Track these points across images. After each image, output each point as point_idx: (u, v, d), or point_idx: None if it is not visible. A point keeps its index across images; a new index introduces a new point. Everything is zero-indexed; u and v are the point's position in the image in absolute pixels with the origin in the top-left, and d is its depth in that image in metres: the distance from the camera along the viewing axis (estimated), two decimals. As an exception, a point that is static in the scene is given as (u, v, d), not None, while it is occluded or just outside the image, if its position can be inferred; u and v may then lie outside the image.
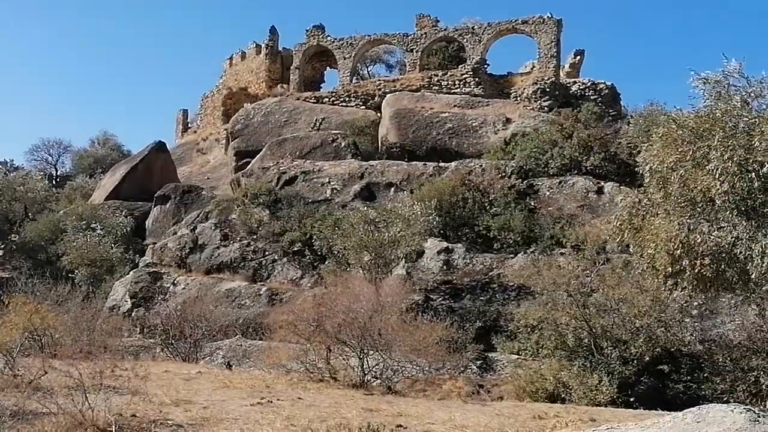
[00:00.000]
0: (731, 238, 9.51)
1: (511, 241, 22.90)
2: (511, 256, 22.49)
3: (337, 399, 13.41)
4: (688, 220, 9.70)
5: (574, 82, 35.63)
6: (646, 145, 11.18)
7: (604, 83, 34.89)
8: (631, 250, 11.08)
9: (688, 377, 16.05)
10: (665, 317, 15.79)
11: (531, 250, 22.21)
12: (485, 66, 36.53)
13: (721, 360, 15.79)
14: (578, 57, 41.60)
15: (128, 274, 26.99)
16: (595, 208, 23.98)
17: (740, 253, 9.47)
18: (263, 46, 44.60)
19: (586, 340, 16.27)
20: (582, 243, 20.81)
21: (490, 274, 21.95)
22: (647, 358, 15.63)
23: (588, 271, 17.13)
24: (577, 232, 21.75)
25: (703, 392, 15.51)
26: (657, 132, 10.37)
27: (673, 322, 15.88)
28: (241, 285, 25.03)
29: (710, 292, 10.63)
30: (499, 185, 25.03)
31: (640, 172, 10.99)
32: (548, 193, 25.20)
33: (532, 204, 24.71)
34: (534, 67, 37.56)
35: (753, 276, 9.60)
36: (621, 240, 11.22)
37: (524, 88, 34.51)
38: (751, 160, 9.18)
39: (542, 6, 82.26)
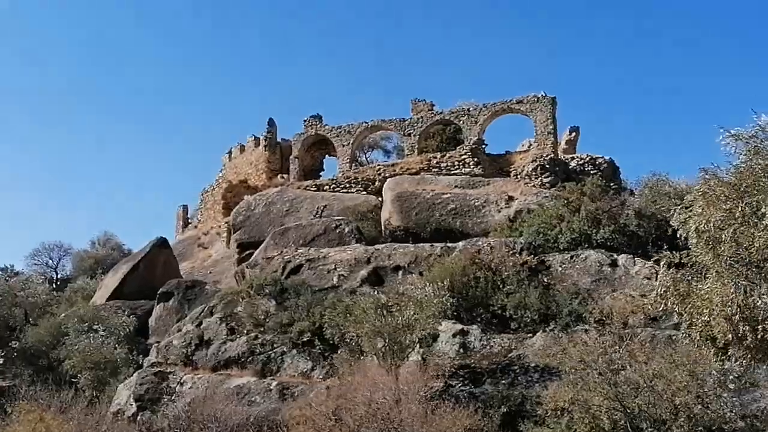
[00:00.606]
0: None
1: (528, 320, 22.22)
2: (530, 335, 21.77)
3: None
4: (743, 282, 9.20)
5: (573, 158, 35.87)
6: (678, 208, 10.77)
7: (603, 158, 35.15)
8: (675, 318, 10.49)
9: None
10: (703, 393, 14.96)
11: (550, 327, 21.51)
12: (483, 146, 36.86)
13: (768, 435, 14.90)
14: (573, 134, 42.16)
15: (132, 375, 26.00)
16: (611, 281, 23.48)
17: None
18: (262, 138, 45.13)
19: (622, 422, 15.37)
20: (606, 317, 20.14)
21: (510, 355, 21.17)
22: (691, 438, 14.71)
23: (616, 347, 16.39)
24: (600, 306, 21.14)
25: (752, 472, 14.57)
26: (697, 190, 9.99)
27: (714, 397, 15.02)
28: (251, 381, 24.03)
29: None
30: (510, 263, 24.56)
31: (680, 234, 10.52)
32: (560, 269, 24.72)
33: (546, 280, 24.18)
34: (531, 145, 37.94)
35: None
36: (665, 308, 10.64)
37: (524, 166, 34.66)
38: None
39: (535, 85, 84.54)
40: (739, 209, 9.01)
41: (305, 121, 42.71)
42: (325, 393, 20.86)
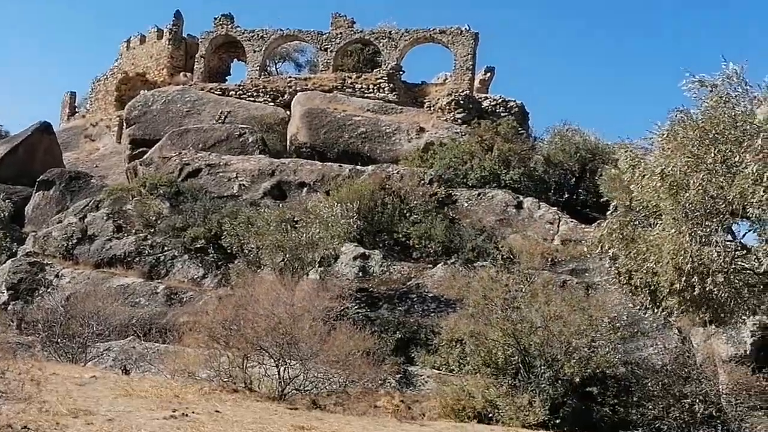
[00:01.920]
0: (765, 255, 9.10)
1: (431, 251, 22.22)
2: (431, 266, 21.83)
3: (260, 414, 12.01)
4: (701, 232, 9.17)
5: (485, 98, 35.82)
6: (624, 152, 10.58)
7: (515, 101, 35.31)
8: (618, 262, 10.47)
9: (615, 400, 15.84)
10: (598, 337, 15.53)
11: (452, 261, 21.63)
12: (400, 72, 36.04)
13: (650, 385, 15.69)
14: (488, 74, 42.03)
15: (5, 263, 23.97)
16: (515, 222, 23.87)
17: (765, 272, 9.06)
18: (166, 30, 41.93)
19: (515, 357, 15.72)
20: (513, 256, 20.46)
21: (409, 283, 21.14)
22: (577, 379, 15.27)
23: (520, 286, 16.63)
24: (506, 244, 21.43)
25: (631, 417, 15.32)
26: (661, 134, 9.79)
27: (605, 342, 15.64)
28: (136, 282, 22.79)
29: (707, 315, 10.20)
30: (419, 192, 24.38)
31: (626, 178, 10.34)
32: (467, 205, 24.84)
33: (452, 214, 24.22)
34: (447, 78, 37.57)
35: None
36: (603, 251, 10.59)
37: (438, 99, 34.25)
38: None
39: (458, 18, 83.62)
40: (711, 155, 8.91)
41: (215, 19, 40.04)
42: (216, 302, 20.09)
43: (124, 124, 37.34)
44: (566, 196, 27.08)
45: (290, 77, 38.40)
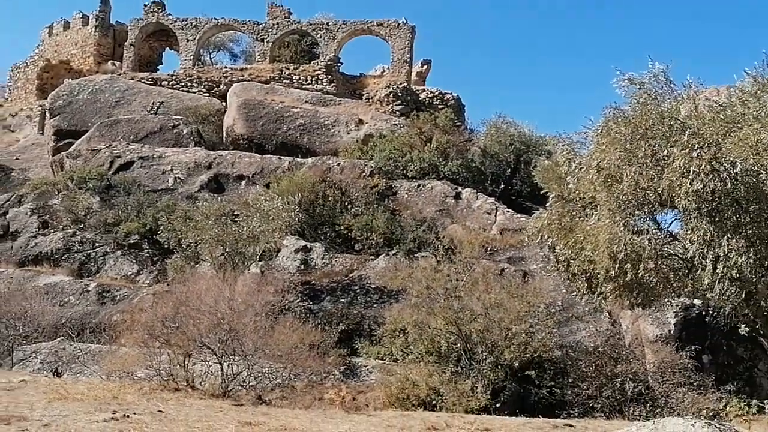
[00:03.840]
0: (688, 242, 9.49)
1: (373, 242, 22.26)
2: (373, 257, 21.86)
3: (205, 411, 11.75)
4: (633, 222, 9.53)
5: (423, 90, 36.07)
6: (562, 146, 10.88)
7: (451, 94, 35.69)
8: (557, 251, 10.73)
9: (552, 382, 16.32)
10: (535, 323, 15.94)
11: (393, 252, 21.72)
12: (338, 64, 35.84)
13: (584, 366, 16.22)
14: (425, 66, 42.34)
15: None
16: (454, 212, 24.16)
17: (694, 258, 9.47)
18: (92, 16, 40.36)
19: (457, 345, 15.96)
20: (454, 246, 20.69)
21: (351, 275, 21.12)
22: (516, 364, 15.64)
23: (461, 275, 16.87)
24: (447, 234, 21.65)
25: (567, 397, 15.82)
26: (596, 129, 10.10)
27: (543, 327, 16.06)
28: (65, 280, 21.93)
29: (638, 299, 10.59)
30: (360, 185, 24.37)
31: (563, 171, 10.63)
32: (407, 196, 24.99)
33: (392, 206, 24.32)
34: (384, 71, 37.66)
35: (706, 282, 9.66)
36: (542, 240, 10.84)
37: (377, 91, 34.25)
38: (721, 159, 9.21)
39: (394, 11, 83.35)
40: (642, 150, 9.26)
41: (146, 6, 38.77)
42: (152, 299, 19.56)
43: (48, 114, 35.70)
44: (502, 186, 27.58)
45: (226, 68, 37.61)
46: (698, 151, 9.03)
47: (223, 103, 33.95)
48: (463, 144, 27.44)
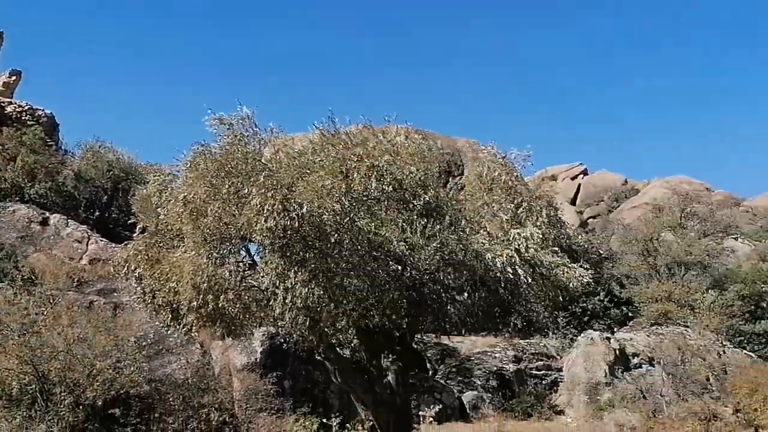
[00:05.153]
0: (264, 274, 10.04)
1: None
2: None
3: None
4: (216, 255, 9.87)
5: (10, 103, 32.33)
6: (154, 176, 10.93)
7: (44, 111, 32.82)
8: (144, 282, 10.53)
9: (138, 419, 15.86)
10: (123, 357, 15.37)
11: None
12: None
13: (172, 399, 16.15)
14: (14, 77, 38.03)
15: None
16: (40, 239, 21.95)
17: (268, 289, 10.06)
18: None
19: (32, 386, 14.48)
20: (36, 277, 18.65)
21: None
22: (100, 402, 14.83)
23: (42, 308, 15.39)
24: (29, 264, 19.42)
25: (152, 432, 15.56)
26: (185, 163, 10.32)
27: (130, 362, 15.55)
28: None
29: (221, 328, 10.93)
30: None
31: (155, 202, 10.63)
32: (-14, 222, 21.84)
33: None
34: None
35: (277, 312, 10.33)
36: (129, 271, 10.57)
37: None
38: (292, 201, 10.02)
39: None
40: (226, 187, 9.79)
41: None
42: None
43: None
44: (98, 213, 26.19)
45: None
46: (273, 191, 10.04)
47: None
48: (55, 166, 25.34)
